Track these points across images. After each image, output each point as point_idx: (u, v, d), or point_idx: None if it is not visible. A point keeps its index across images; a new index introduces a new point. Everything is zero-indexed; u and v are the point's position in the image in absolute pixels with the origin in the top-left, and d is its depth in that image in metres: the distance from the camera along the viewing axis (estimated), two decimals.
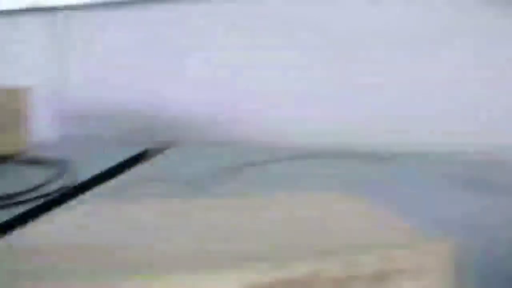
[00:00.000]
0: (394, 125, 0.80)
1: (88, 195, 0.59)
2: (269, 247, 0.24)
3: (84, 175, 0.67)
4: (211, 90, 0.88)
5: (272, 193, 0.38)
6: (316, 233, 0.28)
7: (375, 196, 0.55)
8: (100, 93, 0.94)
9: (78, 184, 0.64)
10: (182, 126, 0.91)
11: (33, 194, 0.59)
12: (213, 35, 0.88)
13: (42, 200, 0.57)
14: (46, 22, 0.98)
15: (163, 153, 0.81)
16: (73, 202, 0.55)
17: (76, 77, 0.96)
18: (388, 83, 0.80)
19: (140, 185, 0.61)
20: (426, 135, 0.79)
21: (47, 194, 0.59)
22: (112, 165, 0.72)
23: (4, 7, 0.99)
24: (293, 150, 0.77)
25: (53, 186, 0.61)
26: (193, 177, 0.63)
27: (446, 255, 0.25)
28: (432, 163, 0.69)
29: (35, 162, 0.75)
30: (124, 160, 0.75)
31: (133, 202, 0.35)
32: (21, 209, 0.54)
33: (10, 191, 0.58)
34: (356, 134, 0.82)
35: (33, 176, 0.67)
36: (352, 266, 0.23)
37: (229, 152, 0.78)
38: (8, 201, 0.56)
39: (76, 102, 0.96)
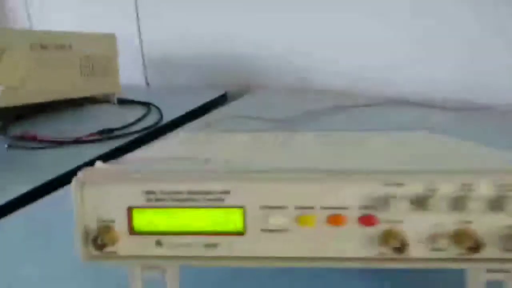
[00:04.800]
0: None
1: (176, 131, 0.64)
2: (382, 167, 0.26)
3: (170, 115, 0.72)
4: (288, 38, 0.89)
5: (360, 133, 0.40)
6: (423, 159, 0.30)
7: None
8: (181, 40, 0.98)
9: (165, 123, 0.69)
10: (260, 72, 0.94)
11: (129, 130, 0.65)
12: None
13: (137, 135, 0.63)
14: None
15: (242, 96, 0.85)
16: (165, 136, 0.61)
17: (156, 26, 1.00)
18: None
19: (225, 122, 0.65)
20: None
21: (141, 130, 0.65)
22: (195, 106, 0.77)
23: None
24: (369, 97, 0.78)
25: (144, 124, 0.68)
26: (277, 118, 0.66)
27: None
28: None
29: (125, 103, 0.82)
30: (205, 102, 0.80)
31: (226, 133, 0.39)
32: (121, 141, 0.61)
33: (109, 126, 0.65)
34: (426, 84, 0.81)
35: (125, 116, 0.73)
36: (468, 188, 0.25)
37: (306, 98, 0.80)
38: (109, 135, 0.62)
39: (158, 51, 1.02)
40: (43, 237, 0.40)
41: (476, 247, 0.26)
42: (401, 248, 0.25)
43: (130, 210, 0.25)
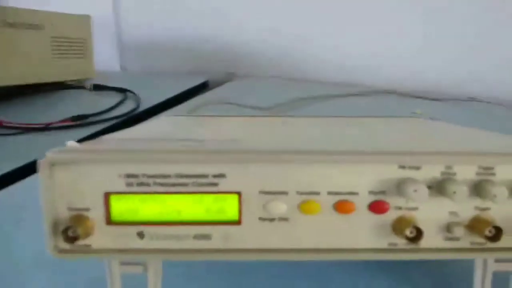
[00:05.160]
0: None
1: (155, 117, 0.60)
2: (395, 149, 0.23)
3: (148, 102, 0.68)
4: (276, 27, 0.86)
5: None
6: (433, 142, 0.27)
7: None
8: (161, 23, 0.94)
9: (143, 110, 0.65)
10: (244, 60, 0.91)
11: (104, 116, 0.61)
12: None
13: (112, 122, 0.59)
14: None
15: (224, 84, 0.81)
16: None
17: (135, 10, 0.96)
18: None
19: (209, 108, 0.62)
20: None
21: (116, 117, 0.61)
22: (174, 94, 0.73)
23: None
24: (356, 87, 0.77)
25: (120, 111, 0.63)
26: (261, 106, 0.63)
27: None
28: None
29: (101, 89, 0.77)
30: (185, 90, 0.76)
31: (216, 116, 0.36)
32: (95, 128, 0.56)
33: (83, 113, 0.60)
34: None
35: (101, 102, 0.69)
36: (489, 172, 0.22)
37: (291, 87, 0.78)
38: (83, 121, 0.58)
39: (136, 35, 0.97)
40: (7, 227, 0.36)
41: (493, 235, 0.24)
42: (415, 237, 0.23)
43: (107, 196, 0.22)
